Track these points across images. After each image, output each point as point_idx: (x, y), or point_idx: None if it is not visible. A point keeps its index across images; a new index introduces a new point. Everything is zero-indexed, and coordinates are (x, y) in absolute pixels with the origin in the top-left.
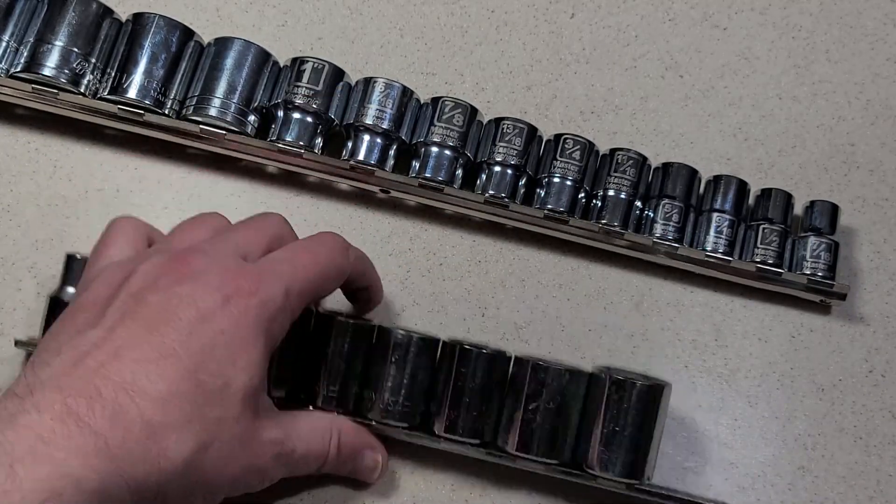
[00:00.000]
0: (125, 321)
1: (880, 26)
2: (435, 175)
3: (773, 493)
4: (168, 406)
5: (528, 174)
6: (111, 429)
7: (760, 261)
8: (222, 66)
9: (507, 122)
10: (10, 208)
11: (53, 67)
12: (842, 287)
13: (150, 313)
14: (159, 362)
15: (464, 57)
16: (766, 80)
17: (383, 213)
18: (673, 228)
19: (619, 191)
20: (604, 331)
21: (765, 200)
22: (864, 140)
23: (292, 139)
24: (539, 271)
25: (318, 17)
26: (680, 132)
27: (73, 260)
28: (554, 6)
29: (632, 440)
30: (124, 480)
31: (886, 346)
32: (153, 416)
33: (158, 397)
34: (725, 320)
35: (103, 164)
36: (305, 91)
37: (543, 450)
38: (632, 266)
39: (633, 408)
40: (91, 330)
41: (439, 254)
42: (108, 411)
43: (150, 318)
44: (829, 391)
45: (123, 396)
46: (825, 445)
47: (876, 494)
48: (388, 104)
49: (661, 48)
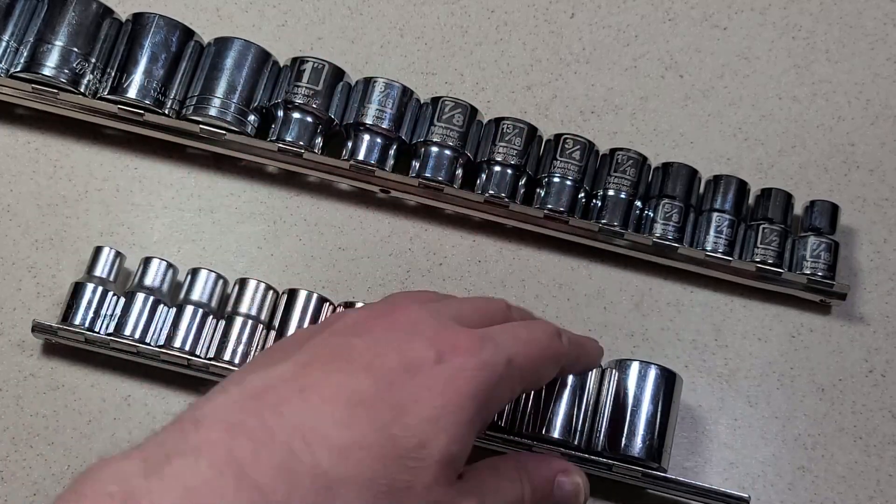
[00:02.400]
0: (321, 359)
1: (880, 26)
2: (435, 175)
3: (773, 493)
4: (349, 458)
5: (528, 174)
6: (276, 482)
7: (760, 261)
8: (222, 66)
9: (507, 122)
10: (10, 208)
11: (53, 67)
12: (842, 287)
13: (350, 355)
14: (349, 408)
15: (464, 57)
16: (766, 80)
17: (383, 213)
18: (673, 228)
19: (619, 191)
20: (604, 331)
21: (765, 200)
22: (864, 140)
23: (292, 139)
24: (539, 271)
25: (318, 17)
26: (680, 132)
27: (100, 250)
28: (554, 6)
29: (649, 423)
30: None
31: (886, 346)
32: (329, 467)
33: (340, 446)
34: (725, 320)
35: (103, 164)
36: (305, 91)
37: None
38: (632, 266)
39: (653, 391)
40: (281, 364)
41: (439, 254)
42: (277, 459)
43: (349, 360)
44: (829, 391)
45: (298, 442)
46: (825, 445)
47: (876, 494)
48: (388, 104)
49: (661, 48)
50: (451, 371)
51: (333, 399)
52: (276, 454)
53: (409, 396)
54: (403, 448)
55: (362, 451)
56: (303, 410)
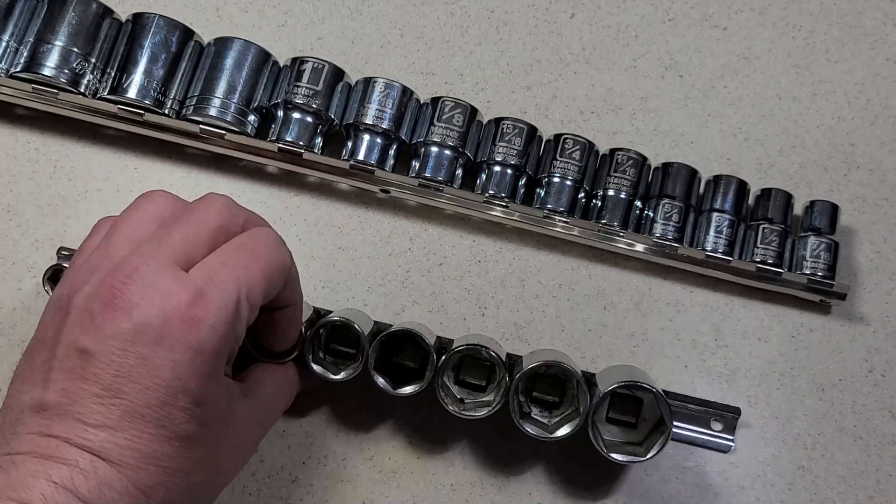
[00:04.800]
0: (76, 383)
1: (880, 26)
2: (435, 175)
3: (773, 493)
4: (150, 469)
5: (528, 174)
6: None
7: (760, 261)
8: (222, 66)
9: (507, 122)
10: (10, 208)
11: (53, 67)
12: (842, 287)
13: (95, 371)
14: (124, 426)
15: (464, 57)
16: (766, 80)
17: (383, 213)
18: (673, 228)
19: (619, 191)
20: (604, 331)
21: (765, 200)
22: (864, 140)
23: (292, 139)
24: (539, 271)
25: (318, 17)
26: (680, 132)
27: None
28: (554, 6)
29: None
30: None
31: (886, 346)
32: (140, 482)
33: (137, 464)
34: (725, 320)
35: (103, 164)
36: (305, 91)
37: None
38: (632, 266)
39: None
40: (47, 390)
41: (439, 254)
42: (93, 482)
43: (98, 378)
44: (829, 391)
45: (104, 468)
46: (825, 445)
47: (876, 494)
48: (388, 104)
49: (661, 48)
50: (182, 348)
51: (110, 424)
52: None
53: (159, 386)
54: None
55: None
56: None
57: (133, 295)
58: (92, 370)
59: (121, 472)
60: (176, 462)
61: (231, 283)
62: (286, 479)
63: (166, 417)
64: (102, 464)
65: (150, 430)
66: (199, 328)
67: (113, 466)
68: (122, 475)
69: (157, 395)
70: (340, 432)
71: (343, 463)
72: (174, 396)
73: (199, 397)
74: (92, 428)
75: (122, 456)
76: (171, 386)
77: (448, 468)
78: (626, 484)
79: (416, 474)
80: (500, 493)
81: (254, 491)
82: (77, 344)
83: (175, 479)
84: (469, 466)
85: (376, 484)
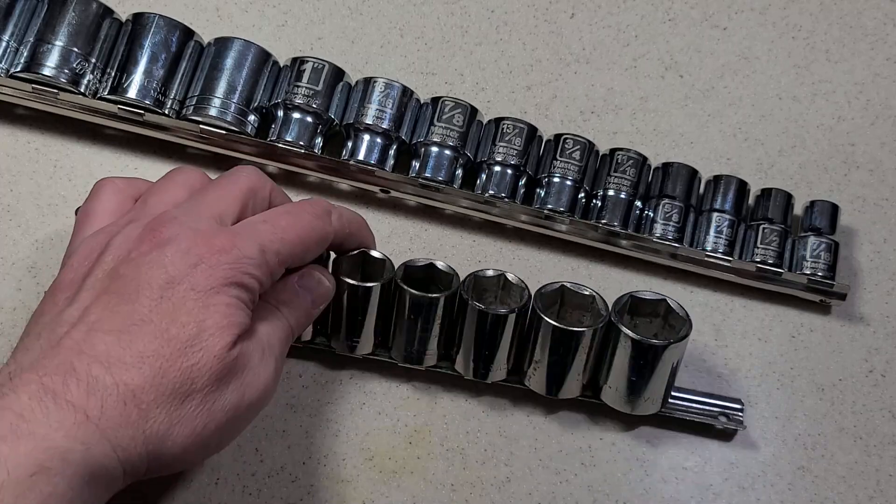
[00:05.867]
0: (99, 298)
1: (880, 26)
2: (435, 175)
3: (773, 493)
4: (142, 367)
5: (528, 174)
6: (88, 400)
7: (760, 261)
8: (222, 66)
9: (507, 122)
10: (10, 208)
11: (53, 67)
12: (842, 287)
13: (121, 286)
14: (131, 329)
15: (464, 57)
16: (766, 80)
17: (383, 213)
18: (673, 228)
19: (619, 191)
20: None
21: (765, 200)
22: (864, 140)
23: (292, 139)
24: (539, 271)
25: (318, 17)
26: (680, 132)
27: None
28: (554, 6)
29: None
30: (111, 448)
31: (886, 346)
32: (130, 381)
33: (132, 362)
34: (725, 320)
35: (103, 164)
36: (305, 91)
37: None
38: (632, 266)
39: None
40: (67, 309)
41: (439, 254)
42: (84, 384)
43: (122, 290)
44: (829, 391)
45: (98, 368)
46: (825, 445)
47: (876, 494)
48: (388, 104)
49: (661, 48)
50: (207, 271)
51: (117, 327)
52: (82, 380)
53: (178, 301)
54: (183, 340)
55: (149, 358)
56: (94, 343)
57: (170, 232)
58: (115, 285)
59: (112, 373)
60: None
61: (266, 237)
62: (286, 479)
63: (173, 321)
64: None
65: (152, 332)
66: (225, 255)
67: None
68: (112, 375)
69: (169, 301)
70: (340, 432)
71: (343, 463)
72: (183, 301)
73: (209, 306)
74: (101, 334)
75: (121, 356)
76: (185, 293)
77: (448, 468)
78: (626, 484)
79: (416, 474)
80: (500, 493)
81: (254, 491)
82: (108, 268)
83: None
84: (469, 466)
85: (376, 484)
